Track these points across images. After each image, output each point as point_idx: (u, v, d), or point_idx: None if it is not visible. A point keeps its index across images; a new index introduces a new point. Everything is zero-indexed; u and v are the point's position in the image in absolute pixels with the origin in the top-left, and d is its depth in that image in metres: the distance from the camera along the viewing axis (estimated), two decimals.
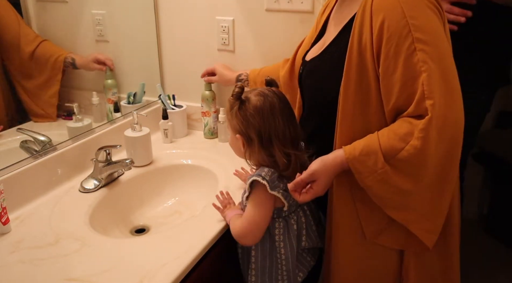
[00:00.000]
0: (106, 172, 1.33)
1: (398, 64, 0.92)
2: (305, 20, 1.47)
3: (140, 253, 1.05)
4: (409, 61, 0.91)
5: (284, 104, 1.06)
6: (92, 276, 0.97)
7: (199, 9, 1.61)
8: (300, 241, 1.12)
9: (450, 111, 0.91)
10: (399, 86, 0.92)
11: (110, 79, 1.56)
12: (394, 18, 0.91)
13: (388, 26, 0.92)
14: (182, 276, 0.99)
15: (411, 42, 0.90)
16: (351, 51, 0.98)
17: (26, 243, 1.08)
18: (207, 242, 1.09)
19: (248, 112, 1.04)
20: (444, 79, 0.91)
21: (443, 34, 0.95)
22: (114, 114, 1.58)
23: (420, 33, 0.90)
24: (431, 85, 0.89)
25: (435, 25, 0.94)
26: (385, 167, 0.93)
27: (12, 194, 1.18)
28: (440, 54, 0.92)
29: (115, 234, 1.26)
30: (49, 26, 1.38)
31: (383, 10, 0.93)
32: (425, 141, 0.90)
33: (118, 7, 1.61)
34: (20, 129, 1.30)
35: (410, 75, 0.91)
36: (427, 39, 0.90)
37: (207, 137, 1.69)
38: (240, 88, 1.05)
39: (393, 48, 0.92)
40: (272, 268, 1.11)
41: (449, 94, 0.91)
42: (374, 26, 0.94)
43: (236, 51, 1.61)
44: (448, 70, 0.93)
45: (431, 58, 0.90)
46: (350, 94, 0.99)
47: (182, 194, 1.46)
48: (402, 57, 0.91)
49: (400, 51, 0.91)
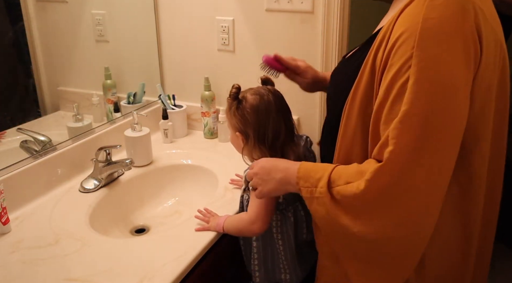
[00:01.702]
0: (106, 172, 1.33)
1: (387, 100, 0.77)
2: (305, 20, 1.46)
3: (140, 253, 1.05)
4: (397, 102, 0.75)
5: (279, 102, 1.10)
6: (92, 276, 0.97)
7: (199, 9, 1.61)
8: (301, 233, 1.13)
9: (409, 167, 0.75)
10: (382, 123, 0.79)
11: (109, 79, 1.56)
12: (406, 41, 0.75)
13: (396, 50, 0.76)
14: (182, 276, 0.99)
15: (405, 80, 0.74)
16: (364, 68, 0.84)
17: (26, 243, 1.08)
18: (207, 242, 1.09)
19: (245, 111, 1.08)
20: (423, 129, 0.74)
21: (458, 81, 0.74)
22: (114, 114, 1.58)
23: (419, 69, 0.73)
24: (400, 130, 0.74)
25: (451, 68, 0.74)
26: (325, 188, 0.83)
27: (12, 194, 1.17)
28: (433, 99, 0.73)
29: (115, 234, 1.26)
30: (49, 26, 1.38)
31: (402, 27, 0.76)
32: (368, 187, 0.77)
33: (118, 7, 1.61)
34: (20, 129, 1.30)
35: (392, 117, 0.76)
36: (426, 77, 0.73)
37: (207, 137, 1.69)
38: (237, 89, 1.09)
39: (388, 79, 0.77)
40: (274, 259, 1.14)
41: (419, 147, 0.74)
42: (388, 44, 0.78)
43: (236, 51, 1.60)
44: (435, 122, 0.74)
45: (418, 98, 0.73)
46: (353, 117, 0.86)
47: (182, 194, 1.46)
48: (393, 94, 0.76)
49: (393, 87, 0.76)
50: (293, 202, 1.12)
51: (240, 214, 1.12)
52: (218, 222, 1.12)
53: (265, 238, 1.13)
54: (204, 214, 1.18)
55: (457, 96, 0.75)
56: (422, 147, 0.74)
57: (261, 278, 1.15)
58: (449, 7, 0.74)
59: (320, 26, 1.44)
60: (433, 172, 0.75)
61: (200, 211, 1.19)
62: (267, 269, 1.15)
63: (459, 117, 0.76)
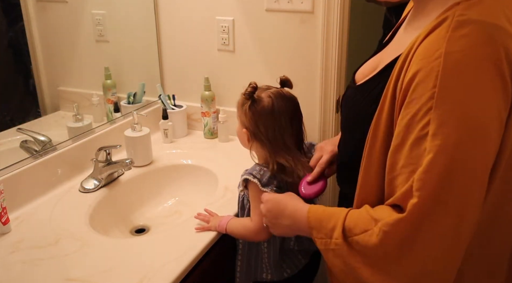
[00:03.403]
0: (106, 172, 1.33)
1: (406, 142, 0.71)
2: (305, 20, 1.46)
3: (140, 253, 1.05)
4: (417, 146, 0.69)
5: (293, 108, 1.10)
6: (92, 276, 0.97)
7: (199, 9, 1.60)
8: (287, 241, 1.14)
9: (433, 219, 0.69)
10: (400, 167, 0.72)
11: (109, 79, 1.56)
12: (425, 79, 0.67)
13: (415, 87, 0.68)
14: (182, 276, 0.99)
15: (426, 123, 0.67)
16: (383, 102, 0.75)
17: (26, 243, 1.08)
18: (207, 242, 1.09)
19: (257, 112, 1.08)
20: (450, 179, 0.67)
21: (488, 120, 0.67)
22: (114, 114, 1.58)
23: (442, 113, 0.66)
24: (426, 181, 0.68)
25: (479, 107, 0.66)
26: (340, 240, 0.78)
27: (12, 194, 1.17)
28: (460, 145, 0.66)
29: (115, 234, 1.26)
30: (49, 26, 1.38)
31: (421, 61, 0.68)
32: (384, 238, 0.72)
33: (118, 7, 1.61)
34: (20, 129, 1.30)
35: (412, 162, 0.70)
36: (452, 121, 0.66)
37: (207, 137, 1.69)
38: (253, 88, 1.08)
39: (407, 120, 0.70)
40: (258, 259, 1.15)
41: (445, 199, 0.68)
42: (405, 78, 0.70)
43: (236, 51, 1.60)
44: (463, 170, 0.67)
45: (444, 146, 0.66)
46: (375, 154, 0.77)
47: (182, 194, 1.46)
48: (412, 137, 0.69)
49: (412, 129, 0.69)
50: None
51: (245, 221, 1.11)
52: (220, 223, 1.12)
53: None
54: (204, 215, 1.18)
55: (487, 138, 0.67)
56: (449, 198, 0.68)
57: (241, 273, 1.17)
58: (474, 38, 0.66)
59: (320, 26, 1.44)
60: (459, 219, 0.70)
61: (200, 213, 1.18)
62: (249, 266, 1.16)
63: (488, 159, 0.69)
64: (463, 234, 0.71)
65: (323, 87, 1.49)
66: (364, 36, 2.28)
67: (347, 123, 0.93)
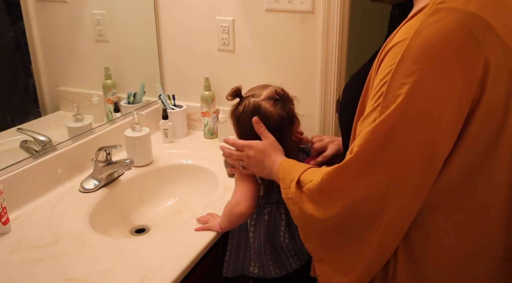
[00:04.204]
0: (106, 172, 1.33)
1: (366, 113, 0.76)
2: (305, 20, 1.46)
3: (140, 253, 1.05)
4: (369, 116, 0.75)
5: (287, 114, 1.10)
6: (92, 276, 0.97)
7: (199, 9, 1.60)
8: (278, 235, 1.12)
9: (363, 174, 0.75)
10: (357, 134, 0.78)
11: (109, 79, 1.56)
12: (390, 56, 0.72)
13: (382, 64, 0.74)
14: (182, 276, 0.99)
15: (380, 95, 0.72)
16: (368, 82, 0.80)
17: (26, 243, 1.08)
18: (207, 242, 1.09)
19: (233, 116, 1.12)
20: (384, 144, 0.72)
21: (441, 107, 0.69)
22: (114, 114, 1.58)
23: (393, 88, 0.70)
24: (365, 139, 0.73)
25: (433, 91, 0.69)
26: (294, 189, 0.89)
27: (12, 194, 1.17)
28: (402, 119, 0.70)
29: (115, 234, 1.26)
30: (49, 26, 1.38)
31: (393, 42, 0.73)
32: (321, 183, 0.81)
33: (118, 7, 1.61)
34: (20, 129, 1.30)
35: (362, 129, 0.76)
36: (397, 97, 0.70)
37: (207, 137, 1.69)
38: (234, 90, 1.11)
39: (370, 92, 0.76)
40: (246, 250, 1.15)
41: (377, 158, 0.73)
42: (382, 54, 0.75)
43: (236, 51, 1.60)
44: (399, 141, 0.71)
45: (387, 117, 0.71)
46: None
47: (182, 194, 1.46)
48: (369, 109, 0.75)
49: (370, 101, 0.75)
50: (275, 201, 1.12)
51: (227, 204, 1.13)
52: (216, 222, 1.13)
53: (241, 227, 1.14)
54: (204, 216, 1.18)
55: (431, 121, 0.70)
56: (380, 164, 0.73)
57: (229, 264, 1.17)
58: (446, 23, 0.67)
59: (320, 26, 1.44)
60: (387, 183, 0.74)
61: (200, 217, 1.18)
62: (237, 258, 1.16)
63: (432, 144, 0.71)
64: (387, 199, 0.75)
65: (323, 87, 1.49)
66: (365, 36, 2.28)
67: (342, 107, 1.01)
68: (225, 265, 1.17)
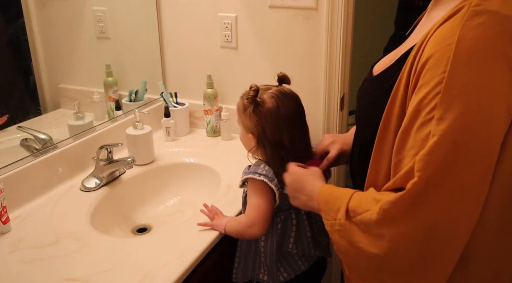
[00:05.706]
0: (107, 170, 1.32)
1: (413, 125, 0.72)
2: (309, 16, 1.45)
3: (142, 253, 1.04)
4: (422, 130, 0.71)
5: (296, 106, 1.09)
6: (92, 276, 0.96)
7: (201, 5, 1.59)
8: (286, 243, 1.12)
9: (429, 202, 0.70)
10: (406, 150, 0.74)
11: (111, 76, 1.55)
12: (436, 64, 0.69)
13: (426, 72, 0.70)
14: (184, 276, 0.98)
15: (433, 107, 0.69)
16: (397, 88, 0.77)
17: (26, 242, 1.08)
18: (210, 241, 1.08)
19: (263, 115, 1.06)
20: (451, 163, 0.68)
21: (494, 110, 0.68)
22: (115, 112, 1.57)
23: (449, 98, 0.67)
24: (426, 163, 0.69)
25: (486, 96, 0.67)
26: (343, 220, 0.81)
27: (12, 193, 1.17)
28: (463, 132, 0.67)
29: (116, 233, 1.25)
30: (50, 23, 1.38)
31: (434, 47, 0.70)
32: (383, 216, 0.74)
33: (120, 3, 1.60)
34: (20, 127, 1.29)
35: (416, 145, 0.72)
36: (457, 107, 0.67)
37: (209, 135, 1.68)
38: (255, 91, 1.06)
39: (415, 103, 0.71)
40: (256, 257, 1.14)
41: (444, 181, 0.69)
42: (419, 63, 0.72)
43: (239, 48, 1.59)
44: (464, 156, 0.68)
45: (446, 131, 0.67)
46: (387, 140, 0.79)
47: (184, 193, 1.45)
48: (419, 121, 0.71)
49: (419, 113, 0.71)
50: (287, 209, 1.12)
51: (240, 217, 1.12)
52: (220, 222, 1.11)
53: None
54: (210, 210, 1.17)
55: (492, 127, 0.68)
56: (448, 182, 0.69)
57: (238, 270, 1.16)
58: (488, 28, 0.67)
59: (324, 22, 1.42)
60: (456, 203, 0.70)
61: (206, 206, 1.18)
62: (247, 265, 1.16)
63: (492, 149, 0.69)
64: (459, 220, 0.71)
65: (327, 84, 1.48)
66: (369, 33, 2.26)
67: (363, 114, 0.94)
68: (234, 271, 1.17)
